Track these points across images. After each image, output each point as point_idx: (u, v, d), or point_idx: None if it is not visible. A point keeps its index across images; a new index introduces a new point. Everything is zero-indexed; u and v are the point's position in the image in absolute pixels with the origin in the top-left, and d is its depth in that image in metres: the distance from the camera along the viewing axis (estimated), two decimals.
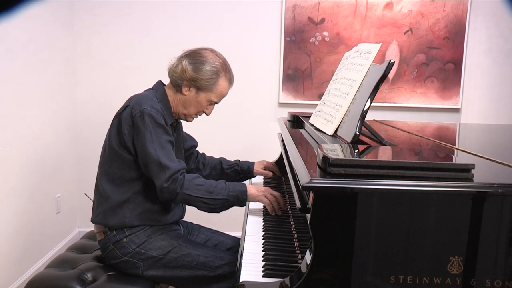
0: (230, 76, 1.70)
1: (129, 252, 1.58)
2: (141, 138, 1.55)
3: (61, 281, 1.54)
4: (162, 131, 1.56)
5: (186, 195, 1.53)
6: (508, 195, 0.93)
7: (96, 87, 2.99)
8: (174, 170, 1.52)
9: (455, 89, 2.98)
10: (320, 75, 2.97)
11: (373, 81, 1.31)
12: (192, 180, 1.55)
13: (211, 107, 1.71)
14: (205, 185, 1.56)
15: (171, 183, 1.51)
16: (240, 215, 1.76)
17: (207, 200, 1.55)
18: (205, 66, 1.63)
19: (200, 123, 3.05)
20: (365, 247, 0.94)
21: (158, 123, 1.56)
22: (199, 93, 1.65)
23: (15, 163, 2.31)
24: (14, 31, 2.26)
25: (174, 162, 1.54)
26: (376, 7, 2.91)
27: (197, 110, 1.69)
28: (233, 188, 1.59)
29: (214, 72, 1.63)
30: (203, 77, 1.62)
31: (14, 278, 2.33)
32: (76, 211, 3.05)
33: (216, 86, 1.65)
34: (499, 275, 0.94)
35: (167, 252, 1.58)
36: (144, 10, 2.93)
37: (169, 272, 1.57)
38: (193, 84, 1.64)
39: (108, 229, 1.61)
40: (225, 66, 1.68)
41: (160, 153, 1.53)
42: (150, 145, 1.53)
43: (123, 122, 1.59)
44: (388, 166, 0.95)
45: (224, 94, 1.69)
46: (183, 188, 1.52)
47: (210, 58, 1.65)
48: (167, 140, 1.57)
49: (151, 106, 1.57)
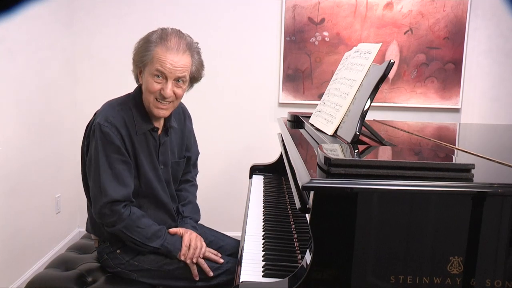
0: (169, 41, 1.45)
1: (123, 264, 1.55)
2: (90, 153, 1.49)
3: (61, 281, 1.53)
4: (113, 149, 1.44)
5: (122, 233, 1.47)
6: (508, 195, 0.93)
7: (96, 87, 2.99)
8: (111, 198, 1.42)
9: (455, 89, 2.98)
10: (320, 75, 2.97)
11: (373, 81, 1.31)
12: (135, 220, 1.47)
13: (164, 84, 1.45)
14: (146, 229, 1.48)
15: (111, 214, 1.44)
16: (240, 215, 1.76)
17: (139, 243, 1.48)
18: (142, 41, 1.49)
19: (200, 123, 3.06)
20: (365, 247, 0.94)
21: (109, 140, 1.44)
22: (144, 71, 1.48)
23: (15, 163, 2.31)
24: (14, 31, 2.26)
25: (116, 187, 1.44)
26: (376, 7, 2.91)
27: (149, 92, 1.46)
28: (169, 240, 1.52)
29: (149, 41, 1.46)
30: (140, 51, 1.46)
31: (14, 278, 2.33)
32: (76, 211, 3.05)
33: (151, 54, 1.43)
34: (499, 275, 0.94)
35: (162, 265, 1.53)
36: (144, 10, 2.94)
37: (164, 282, 1.54)
38: (137, 67, 1.50)
39: (102, 240, 1.59)
40: (162, 34, 1.46)
41: (103, 174, 1.43)
42: (95, 163, 1.45)
43: (85, 136, 1.54)
44: (388, 166, 0.95)
45: (165, 59, 1.42)
46: (123, 226, 1.45)
47: (147, 34, 1.50)
48: (118, 160, 1.45)
49: (106, 119, 1.45)
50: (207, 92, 3.01)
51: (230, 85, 3.02)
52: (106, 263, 1.59)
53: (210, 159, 3.08)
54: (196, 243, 1.53)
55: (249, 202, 1.82)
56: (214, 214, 3.00)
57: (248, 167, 2.31)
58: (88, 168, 1.51)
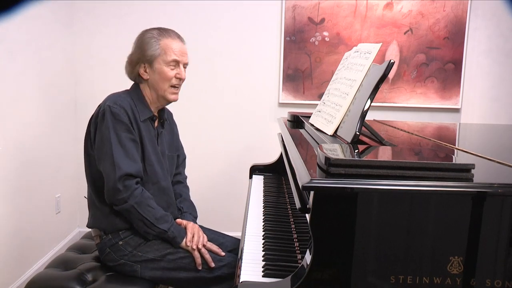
0: (170, 33, 1.64)
1: (126, 255, 1.57)
2: (100, 134, 1.53)
3: (61, 281, 1.53)
4: (123, 127, 1.53)
5: (133, 209, 1.50)
6: (508, 195, 0.93)
7: (96, 87, 2.99)
8: (124, 172, 1.48)
9: (455, 89, 2.98)
10: (320, 75, 2.97)
11: (373, 81, 1.31)
12: (146, 199, 1.53)
13: (178, 69, 1.64)
14: (155, 210, 1.54)
15: (124, 189, 1.48)
16: (240, 215, 1.76)
17: (149, 224, 1.53)
18: (141, 41, 1.62)
19: (200, 123, 3.06)
20: (365, 247, 0.94)
21: (118, 119, 1.52)
22: (154, 65, 1.61)
23: (15, 163, 2.31)
24: (14, 31, 2.26)
25: (129, 162, 1.51)
26: (376, 7, 2.91)
27: (167, 80, 1.62)
28: (175, 227, 1.57)
29: (151, 38, 1.61)
30: (145, 49, 1.60)
31: (14, 278, 2.33)
32: (76, 211, 3.06)
33: (160, 47, 1.60)
34: (499, 275, 0.94)
35: (165, 255, 1.56)
36: (144, 10, 2.94)
37: (167, 273, 1.56)
38: (142, 62, 1.62)
39: (104, 232, 1.61)
40: (160, 30, 1.64)
41: (115, 150, 1.50)
42: (107, 141, 1.51)
43: (92, 124, 1.59)
44: (388, 166, 0.95)
45: (175, 47, 1.62)
46: (135, 202, 1.50)
47: (142, 34, 1.64)
48: (128, 138, 1.53)
49: (114, 102, 1.55)
50: (207, 92, 3.01)
51: (230, 85, 3.02)
52: (108, 257, 1.59)
53: (210, 159, 3.09)
54: (199, 233, 1.61)
55: (249, 202, 1.82)
56: (214, 214, 3.01)
57: (248, 167, 2.31)
58: (98, 149, 1.55)
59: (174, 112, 1.91)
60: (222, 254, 1.60)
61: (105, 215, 1.59)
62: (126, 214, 1.54)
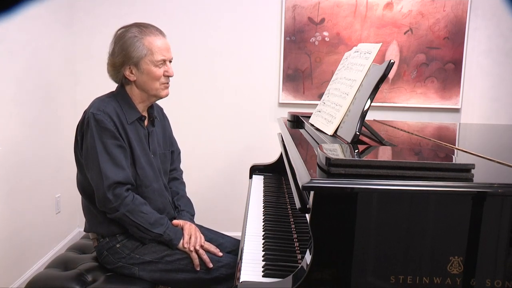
0: (151, 29, 1.58)
1: (123, 257, 1.57)
2: (85, 143, 1.51)
3: (61, 281, 1.53)
4: (108, 135, 1.50)
5: (126, 217, 1.49)
6: (508, 195, 0.93)
7: (96, 87, 2.98)
8: (112, 180, 1.46)
9: (455, 89, 2.98)
10: (320, 75, 2.97)
11: (373, 81, 1.31)
12: (138, 205, 1.51)
13: (165, 66, 1.59)
14: (149, 215, 1.52)
15: (114, 198, 1.47)
16: (240, 215, 1.76)
17: (143, 229, 1.51)
18: (123, 42, 1.55)
19: (200, 123, 3.06)
20: (365, 247, 0.94)
21: (103, 126, 1.49)
22: (140, 65, 1.55)
23: (15, 163, 2.31)
24: (14, 31, 2.26)
25: (116, 170, 1.48)
26: (376, 7, 2.91)
27: (156, 79, 1.57)
28: (171, 230, 1.56)
29: (133, 38, 1.54)
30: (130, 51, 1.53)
31: (14, 278, 2.33)
32: (76, 211, 3.05)
33: (145, 47, 1.54)
34: (499, 275, 0.94)
35: (162, 256, 1.55)
36: (144, 10, 2.94)
37: (165, 275, 1.56)
38: (127, 64, 1.56)
39: (101, 236, 1.60)
40: (139, 27, 1.57)
41: (102, 159, 1.47)
42: (92, 150, 1.48)
43: (78, 132, 1.57)
44: (388, 166, 0.95)
45: (160, 45, 1.57)
46: (127, 210, 1.48)
47: (122, 34, 1.57)
48: (114, 144, 1.50)
49: (98, 108, 1.52)
50: (207, 92, 3.01)
51: (230, 85, 3.02)
52: (106, 259, 1.59)
53: (210, 159, 3.09)
54: (196, 233, 1.59)
55: (249, 202, 1.82)
56: (214, 214, 3.01)
57: (248, 167, 2.31)
58: (85, 159, 1.53)
59: (174, 112, 1.91)
60: (220, 255, 1.59)
61: (100, 221, 1.58)
62: (120, 221, 1.53)
